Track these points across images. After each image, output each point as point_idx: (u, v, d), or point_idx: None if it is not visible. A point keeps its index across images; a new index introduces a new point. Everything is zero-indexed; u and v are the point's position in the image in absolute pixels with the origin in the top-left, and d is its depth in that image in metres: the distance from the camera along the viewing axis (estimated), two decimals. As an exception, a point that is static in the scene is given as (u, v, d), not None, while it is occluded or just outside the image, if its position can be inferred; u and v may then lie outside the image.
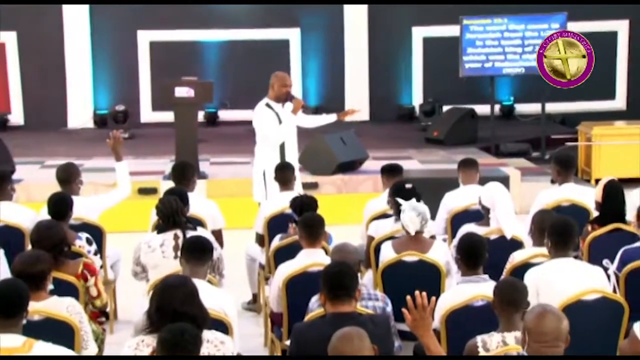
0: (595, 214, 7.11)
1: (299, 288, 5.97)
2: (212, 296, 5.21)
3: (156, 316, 4.48)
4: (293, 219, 7.02)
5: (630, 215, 7.04)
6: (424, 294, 4.39)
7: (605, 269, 6.02)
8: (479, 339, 4.60)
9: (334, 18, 17.45)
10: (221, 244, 7.46)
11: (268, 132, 8.84)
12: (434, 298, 4.45)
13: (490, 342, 4.58)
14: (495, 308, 4.75)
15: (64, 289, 5.62)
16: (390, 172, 8.09)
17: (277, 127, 8.83)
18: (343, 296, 4.82)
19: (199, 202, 7.65)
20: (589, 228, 6.83)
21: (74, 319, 5.16)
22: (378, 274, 6.32)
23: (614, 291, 5.91)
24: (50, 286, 5.35)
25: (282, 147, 8.93)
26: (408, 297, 4.38)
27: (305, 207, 6.86)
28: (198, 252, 5.52)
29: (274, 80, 8.95)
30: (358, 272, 5.77)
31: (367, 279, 6.84)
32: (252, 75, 15.32)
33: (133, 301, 6.52)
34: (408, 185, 7.08)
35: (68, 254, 6.05)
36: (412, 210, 6.41)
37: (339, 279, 4.84)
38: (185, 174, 7.74)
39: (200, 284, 5.01)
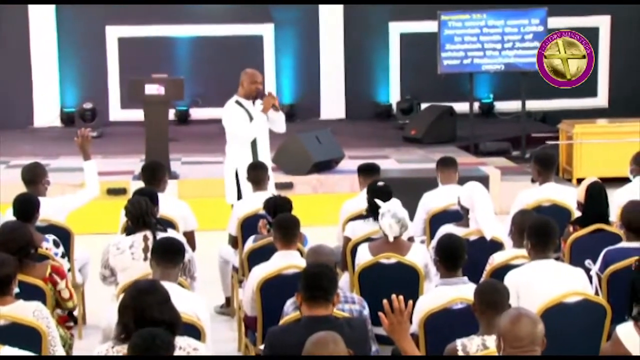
0: (577, 214, 7.14)
1: (274, 291, 5.96)
2: (183, 299, 5.19)
3: (129, 324, 4.44)
4: (266, 218, 7.02)
5: (613, 216, 7.09)
6: (401, 297, 4.38)
7: (588, 270, 6.05)
8: (458, 342, 4.61)
9: (308, 13, 17.45)
10: (193, 245, 7.45)
11: (237, 130, 8.82)
12: (411, 302, 4.45)
13: (470, 345, 4.59)
14: (476, 311, 4.76)
15: (30, 293, 5.59)
16: (367, 171, 8.10)
17: (247, 124, 8.82)
18: (319, 298, 4.81)
19: (170, 203, 7.63)
20: (570, 229, 6.86)
21: (41, 323, 5.13)
22: (355, 276, 6.33)
23: (596, 292, 5.95)
24: (16, 289, 5.32)
25: (254, 146, 8.91)
26: (385, 301, 4.37)
27: (279, 208, 6.85)
28: (169, 254, 5.50)
29: (243, 78, 8.95)
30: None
31: (343, 282, 6.83)
32: (225, 72, 15.32)
33: (102, 305, 6.49)
34: (380, 184, 7.12)
35: (34, 257, 6.01)
36: (392, 217, 6.41)
37: (317, 279, 4.83)
38: (155, 174, 7.71)
39: (171, 287, 4.99)
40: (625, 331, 4.53)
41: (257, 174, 8.08)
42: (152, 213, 6.50)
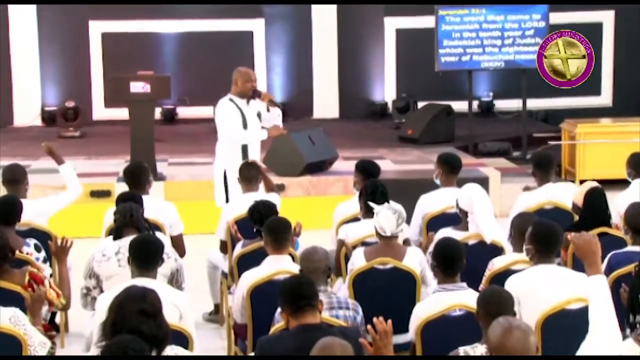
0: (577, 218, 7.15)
1: (265, 297, 5.96)
2: (162, 293, 5.20)
3: (106, 328, 4.43)
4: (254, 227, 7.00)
5: (616, 219, 7.10)
6: (381, 318, 4.35)
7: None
8: (461, 350, 4.60)
9: (300, 8, 17.46)
10: (182, 250, 7.47)
11: (230, 133, 8.81)
12: (390, 321, 4.40)
13: (474, 353, 4.58)
14: (480, 318, 4.76)
15: (8, 299, 5.56)
16: (367, 172, 7.96)
17: (241, 127, 8.80)
18: (306, 306, 4.81)
19: (156, 205, 7.62)
20: (568, 236, 6.84)
21: (18, 330, 5.11)
22: (349, 282, 6.33)
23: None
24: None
25: (244, 147, 8.92)
26: (369, 327, 4.34)
27: (265, 217, 6.78)
28: (145, 251, 5.59)
29: (237, 76, 8.95)
30: (328, 278, 5.78)
31: (336, 287, 6.84)
32: (213, 69, 15.33)
33: (85, 313, 6.48)
34: (380, 187, 7.12)
35: (13, 262, 5.98)
36: (388, 209, 6.43)
37: (297, 289, 4.84)
38: (139, 177, 7.71)
39: (149, 282, 5.00)
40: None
41: (250, 172, 8.04)
42: (144, 218, 6.51)
